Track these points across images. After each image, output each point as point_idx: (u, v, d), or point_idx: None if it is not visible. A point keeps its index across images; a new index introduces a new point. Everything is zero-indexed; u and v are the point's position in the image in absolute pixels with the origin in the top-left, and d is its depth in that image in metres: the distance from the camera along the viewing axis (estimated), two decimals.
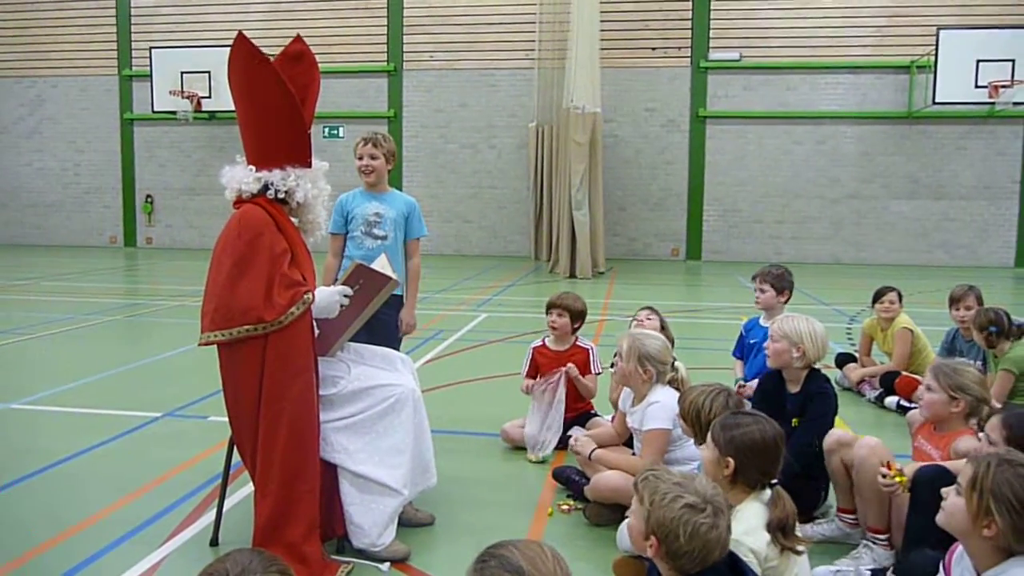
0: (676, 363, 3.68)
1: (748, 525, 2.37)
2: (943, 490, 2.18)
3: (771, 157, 17.70)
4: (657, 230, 18.22)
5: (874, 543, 3.03)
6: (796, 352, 3.48)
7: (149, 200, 19.82)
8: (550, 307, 4.55)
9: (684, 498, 1.94)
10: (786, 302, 4.91)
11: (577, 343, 4.58)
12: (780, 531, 2.36)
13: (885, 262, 17.24)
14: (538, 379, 4.45)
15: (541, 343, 4.65)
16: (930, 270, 16.00)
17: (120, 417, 5.01)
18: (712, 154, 17.85)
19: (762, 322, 4.79)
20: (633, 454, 3.61)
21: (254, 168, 3.02)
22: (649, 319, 4.43)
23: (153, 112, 18.36)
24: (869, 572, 2.83)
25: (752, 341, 4.67)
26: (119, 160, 19.90)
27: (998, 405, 4.56)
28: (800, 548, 2.37)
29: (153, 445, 4.55)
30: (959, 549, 2.18)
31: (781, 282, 4.78)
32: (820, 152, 17.56)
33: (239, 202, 3.06)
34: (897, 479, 2.76)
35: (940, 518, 2.17)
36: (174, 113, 17.93)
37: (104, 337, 8.06)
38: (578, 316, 4.54)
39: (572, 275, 14.22)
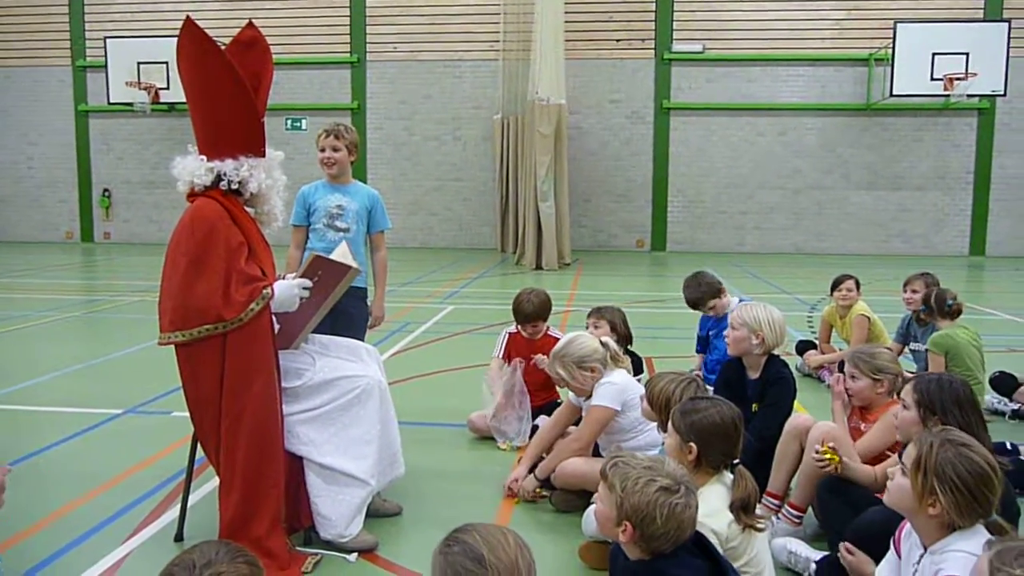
0: (603, 340, 3.68)
1: (711, 507, 2.42)
2: (889, 470, 2.26)
3: (734, 148, 17.92)
4: (622, 221, 18.35)
5: (787, 517, 3.18)
6: (755, 339, 3.55)
7: (106, 194, 19.43)
8: (525, 321, 4.60)
9: (657, 481, 1.97)
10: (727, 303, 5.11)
11: (548, 332, 4.65)
12: (742, 510, 2.42)
13: (845, 252, 17.57)
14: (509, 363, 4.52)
15: (516, 330, 4.70)
16: (888, 259, 16.35)
17: (81, 414, 4.93)
18: (676, 145, 18.01)
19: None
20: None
21: (205, 158, 2.98)
22: (597, 327, 4.48)
23: (109, 104, 17.97)
24: (815, 563, 2.92)
25: (711, 333, 4.80)
26: (74, 153, 19.45)
27: None
28: (760, 525, 2.43)
29: (115, 442, 4.49)
30: (907, 526, 2.26)
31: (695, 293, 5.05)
32: (782, 143, 17.83)
33: (192, 195, 3.01)
34: (828, 456, 2.94)
35: (886, 497, 2.25)
36: (131, 105, 17.55)
37: (62, 334, 7.91)
38: (539, 316, 4.58)
39: (538, 267, 14.27)
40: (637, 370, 4.41)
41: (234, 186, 2.99)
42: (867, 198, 17.74)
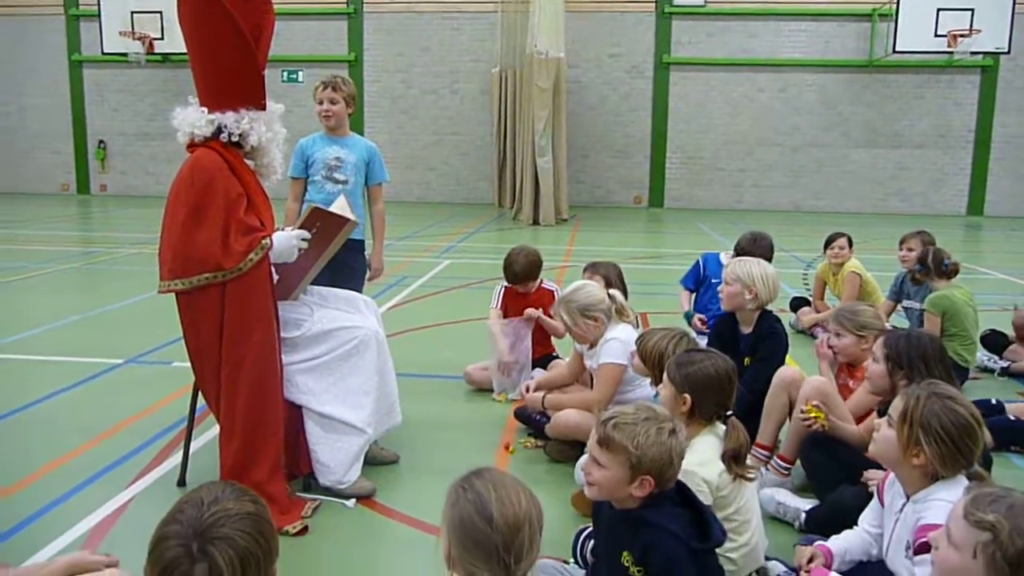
0: (611, 292, 3.72)
1: (703, 457, 2.48)
2: (876, 422, 2.32)
3: (734, 105, 17.77)
4: (620, 177, 18.28)
5: (776, 468, 3.26)
6: (749, 294, 3.59)
7: (102, 146, 19.29)
8: (514, 281, 4.60)
9: (664, 428, 2.02)
10: None
11: (543, 285, 4.67)
12: (734, 460, 2.47)
13: (843, 210, 17.55)
14: (506, 320, 4.56)
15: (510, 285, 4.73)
16: (886, 218, 16.35)
17: (82, 364, 4.98)
18: (675, 101, 17.86)
19: (723, 259, 4.90)
20: None
21: (206, 110, 2.97)
22: (592, 281, 4.49)
23: (103, 54, 17.73)
24: (805, 512, 2.99)
25: (715, 280, 4.79)
26: (68, 104, 19.26)
27: None
28: (751, 475, 2.49)
29: (117, 391, 4.55)
30: (891, 476, 2.32)
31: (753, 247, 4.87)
32: (782, 100, 17.68)
33: (192, 146, 3.01)
34: (813, 414, 3.02)
35: (872, 448, 2.31)
36: (125, 55, 17.32)
37: (60, 286, 7.93)
38: (529, 276, 4.58)
39: (535, 222, 14.26)
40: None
41: (235, 139, 2.99)
42: (866, 156, 17.66)
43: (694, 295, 5.19)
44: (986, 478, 2.13)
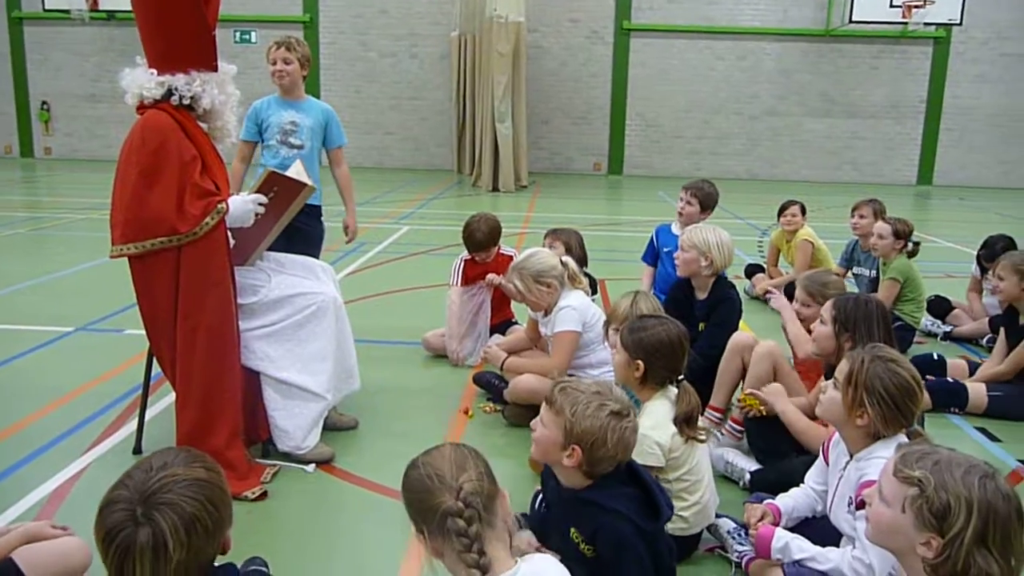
0: (563, 259, 3.75)
1: (655, 420, 2.54)
2: (821, 384, 2.40)
3: (693, 72, 17.83)
4: (580, 144, 18.27)
5: (730, 432, 3.33)
6: (704, 261, 3.66)
7: (45, 107, 18.61)
8: (477, 249, 4.58)
9: (607, 406, 2.01)
10: (706, 220, 5.01)
11: (501, 252, 4.67)
12: (686, 423, 2.54)
13: (798, 178, 17.82)
14: (466, 287, 4.56)
15: (469, 256, 4.71)
16: (839, 186, 16.64)
17: (31, 332, 4.87)
18: (636, 68, 17.85)
19: (674, 229, 4.92)
20: None
21: (155, 72, 2.89)
22: (552, 247, 4.50)
23: (44, 10, 17.02)
24: (750, 473, 3.09)
25: (666, 249, 4.82)
26: (8, 63, 18.49)
27: None
28: (702, 437, 2.56)
29: (68, 359, 4.47)
30: (836, 436, 2.41)
31: (708, 200, 4.86)
32: (740, 68, 17.78)
33: (142, 107, 2.94)
34: (748, 403, 3.12)
35: (818, 410, 2.40)
36: (67, 12, 16.65)
37: (7, 252, 7.70)
38: (491, 242, 4.59)
39: (495, 188, 14.22)
40: (591, 291, 4.48)
41: (186, 101, 2.92)
42: (821, 125, 17.92)
43: (655, 271, 5.15)
44: (924, 436, 2.22)
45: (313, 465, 3.14)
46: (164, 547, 1.44)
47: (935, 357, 4.35)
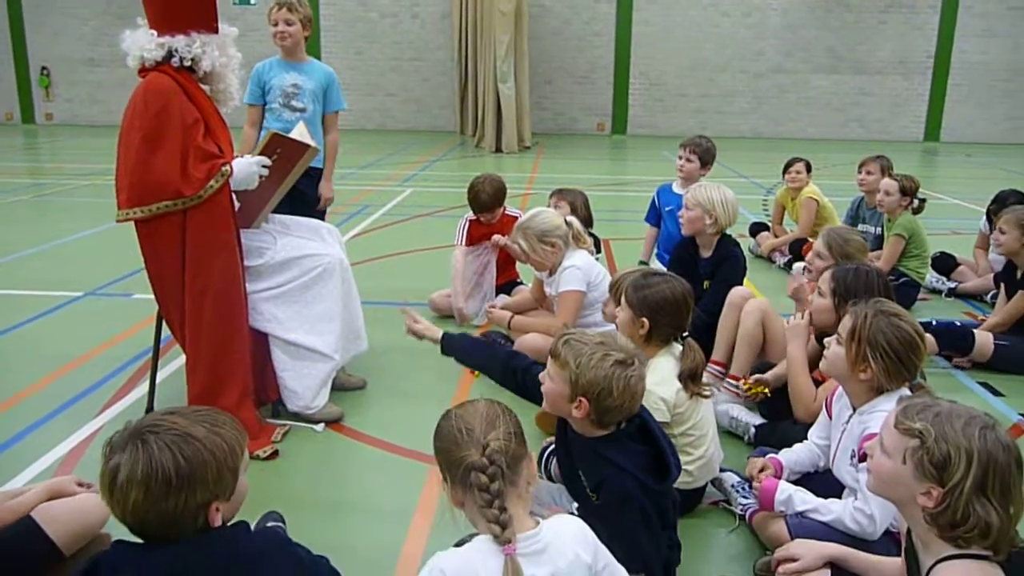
0: (568, 218, 3.75)
1: (660, 376, 2.56)
2: (826, 340, 2.42)
3: (698, 30, 17.57)
4: (583, 104, 18.09)
5: (727, 387, 3.32)
6: (709, 219, 3.65)
7: (45, 72, 18.46)
8: (482, 210, 4.56)
9: (611, 355, 2.01)
10: (705, 176, 5.01)
11: (506, 212, 4.67)
12: (691, 379, 2.56)
13: (804, 136, 17.65)
14: (471, 247, 4.58)
15: (474, 216, 4.71)
16: (845, 143, 16.50)
17: (40, 297, 4.91)
18: (639, 26, 17.58)
19: (675, 189, 4.91)
20: None
21: (156, 33, 2.88)
22: (558, 207, 4.49)
23: None
24: (754, 427, 3.13)
25: (668, 208, 4.80)
26: (7, 28, 18.29)
27: (883, 268, 4.96)
28: (707, 392, 2.59)
29: (78, 323, 4.51)
30: (839, 390, 2.44)
31: (707, 155, 4.84)
32: (746, 25, 17.51)
33: (143, 71, 2.93)
34: (754, 390, 3.12)
35: (823, 365, 2.43)
36: None
37: (11, 218, 7.72)
38: (496, 203, 4.57)
39: (498, 149, 14.13)
40: (596, 250, 4.49)
41: (187, 63, 2.91)
42: (827, 82, 17.69)
43: (658, 231, 5.10)
44: (927, 389, 2.24)
45: (323, 424, 3.19)
46: (121, 479, 1.46)
47: (933, 323, 4.32)
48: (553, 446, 2.53)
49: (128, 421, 1.56)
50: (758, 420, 3.16)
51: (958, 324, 4.10)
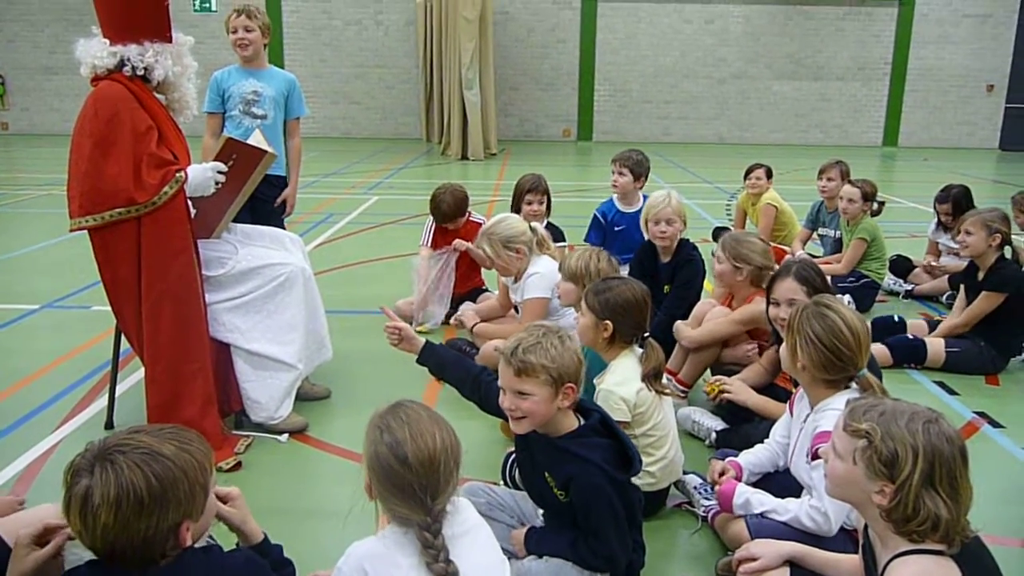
0: (532, 224, 3.78)
1: (622, 376, 2.59)
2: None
3: (661, 36, 17.77)
4: (549, 110, 18.19)
5: (673, 389, 3.35)
6: (681, 227, 3.72)
7: (0, 81, 18.08)
8: (444, 220, 4.61)
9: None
10: (641, 188, 5.01)
11: (471, 218, 4.69)
12: (654, 378, 2.60)
13: (766, 142, 17.92)
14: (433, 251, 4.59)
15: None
16: (807, 149, 16.78)
17: None
18: (603, 33, 17.74)
19: (618, 205, 4.92)
20: None
21: (109, 42, 2.85)
22: (532, 207, 4.54)
23: None
24: (715, 432, 3.17)
25: (619, 228, 4.81)
26: None
27: (843, 271, 5.07)
28: (667, 391, 2.63)
29: (36, 336, 4.42)
30: (800, 391, 2.49)
31: (639, 168, 4.83)
32: (708, 32, 17.75)
33: (96, 79, 2.90)
34: (715, 390, 3.14)
35: (782, 364, 2.47)
36: None
37: None
38: (458, 214, 4.60)
39: (464, 157, 14.14)
40: (558, 238, 4.49)
41: (139, 72, 2.88)
42: (788, 88, 17.99)
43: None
44: (872, 384, 2.29)
45: (286, 435, 3.17)
46: (92, 502, 1.42)
47: (896, 319, 4.46)
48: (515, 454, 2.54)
49: (89, 442, 1.51)
50: (720, 424, 3.20)
51: (910, 337, 4.19)
